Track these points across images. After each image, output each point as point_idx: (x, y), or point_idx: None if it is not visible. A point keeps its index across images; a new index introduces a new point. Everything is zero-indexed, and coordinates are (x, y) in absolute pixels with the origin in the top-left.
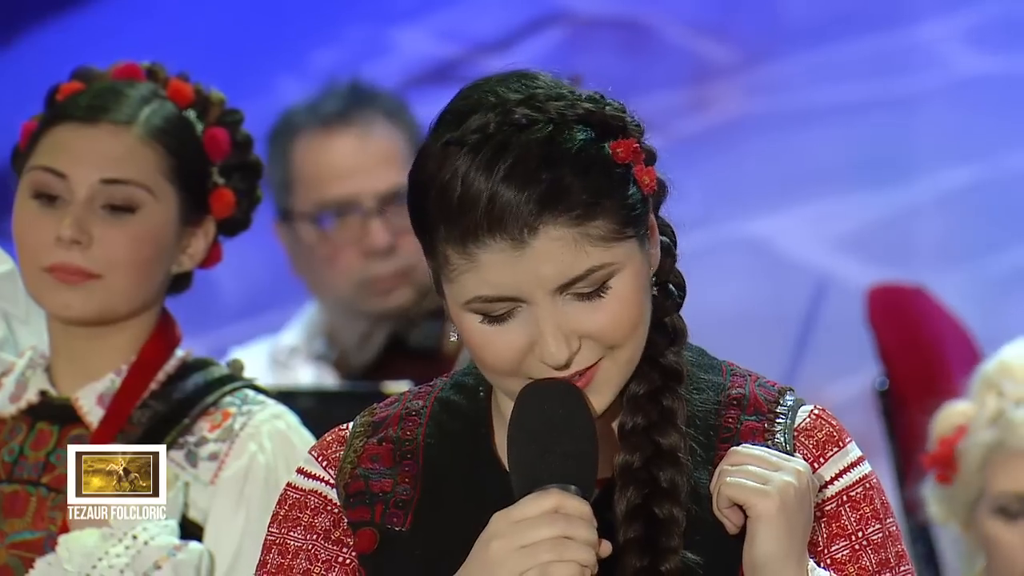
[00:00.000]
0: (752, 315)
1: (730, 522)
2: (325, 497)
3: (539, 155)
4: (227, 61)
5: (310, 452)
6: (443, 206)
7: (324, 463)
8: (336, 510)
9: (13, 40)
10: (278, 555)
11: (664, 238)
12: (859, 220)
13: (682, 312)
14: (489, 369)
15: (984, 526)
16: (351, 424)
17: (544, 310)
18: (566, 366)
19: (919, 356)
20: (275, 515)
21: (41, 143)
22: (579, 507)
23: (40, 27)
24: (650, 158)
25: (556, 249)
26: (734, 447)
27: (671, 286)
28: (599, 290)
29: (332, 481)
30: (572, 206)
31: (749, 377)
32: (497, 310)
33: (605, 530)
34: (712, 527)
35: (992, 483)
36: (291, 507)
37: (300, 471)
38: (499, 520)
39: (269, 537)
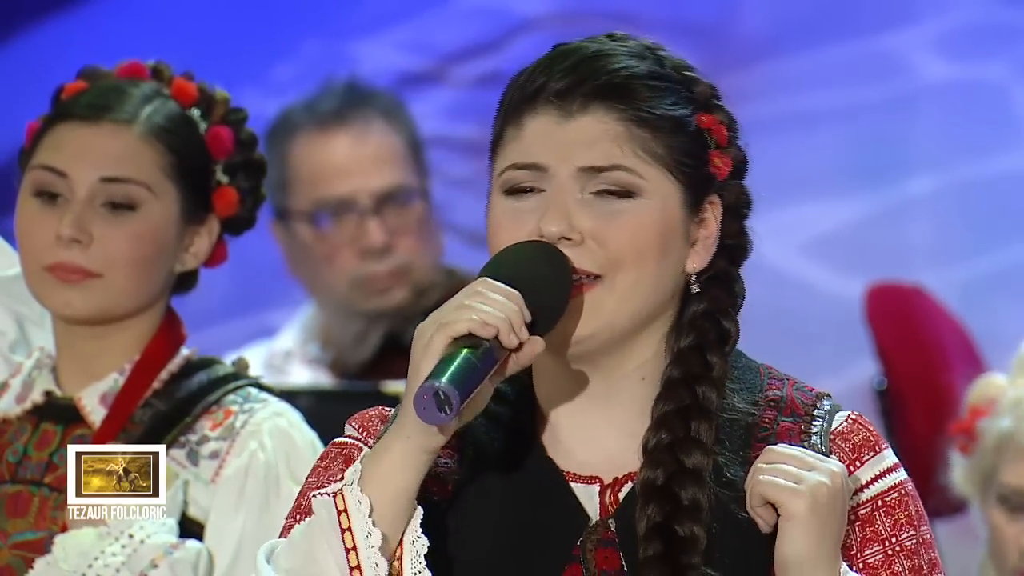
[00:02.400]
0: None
1: (763, 520)
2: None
3: (621, 56)
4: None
5: (350, 423)
6: (514, 85)
7: (364, 433)
8: None
9: (10, 39)
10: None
11: (730, 240)
12: (838, 224)
13: None
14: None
15: (989, 512)
16: (393, 408)
17: (560, 187)
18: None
19: (918, 356)
20: (314, 469)
21: (43, 142)
22: (501, 287)
23: (37, 26)
24: (736, 158)
25: (596, 131)
26: (770, 446)
27: (729, 287)
28: (619, 196)
29: (372, 447)
30: (629, 104)
31: (787, 381)
32: (521, 180)
33: (627, 540)
34: (741, 535)
35: (1000, 471)
36: (333, 458)
37: (341, 436)
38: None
39: (307, 485)
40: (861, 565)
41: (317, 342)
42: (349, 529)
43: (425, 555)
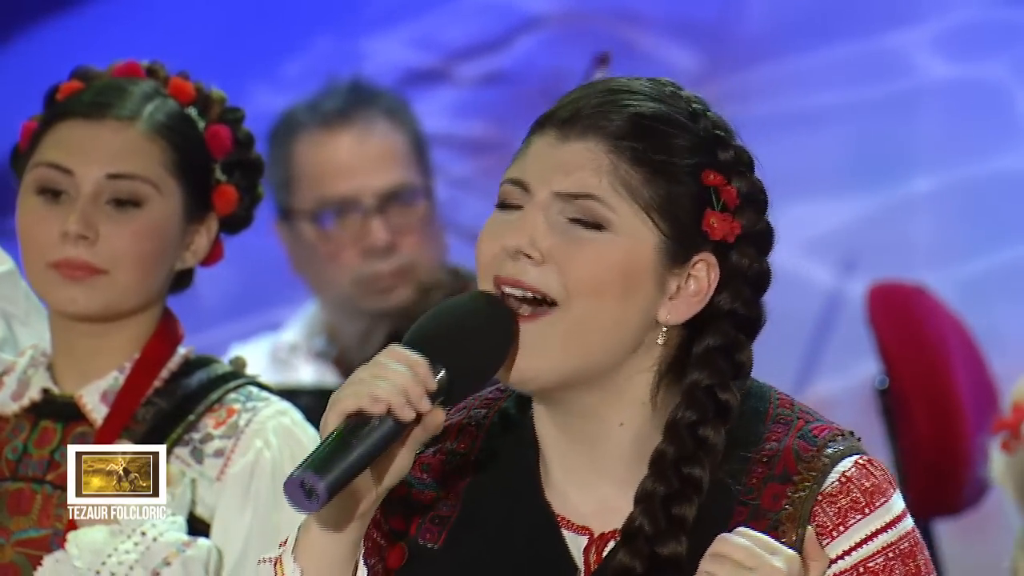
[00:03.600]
0: None
1: None
2: None
3: (642, 96)
4: (198, 70)
5: None
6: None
7: None
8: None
9: (10, 39)
10: None
11: (739, 309)
12: (840, 223)
13: None
14: (478, 262)
15: None
16: None
17: (535, 207)
18: (511, 268)
19: (920, 355)
20: None
21: (45, 140)
22: (407, 356)
23: (37, 26)
24: (750, 227)
25: (581, 158)
26: (723, 535)
27: (733, 357)
28: (585, 226)
29: None
30: (624, 140)
31: (795, 423)
32: (510, 196)
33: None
34: None
35: None
36: None
37: None
38: None
39: None
40: None
41: (323, 336)
42: None
43: None
